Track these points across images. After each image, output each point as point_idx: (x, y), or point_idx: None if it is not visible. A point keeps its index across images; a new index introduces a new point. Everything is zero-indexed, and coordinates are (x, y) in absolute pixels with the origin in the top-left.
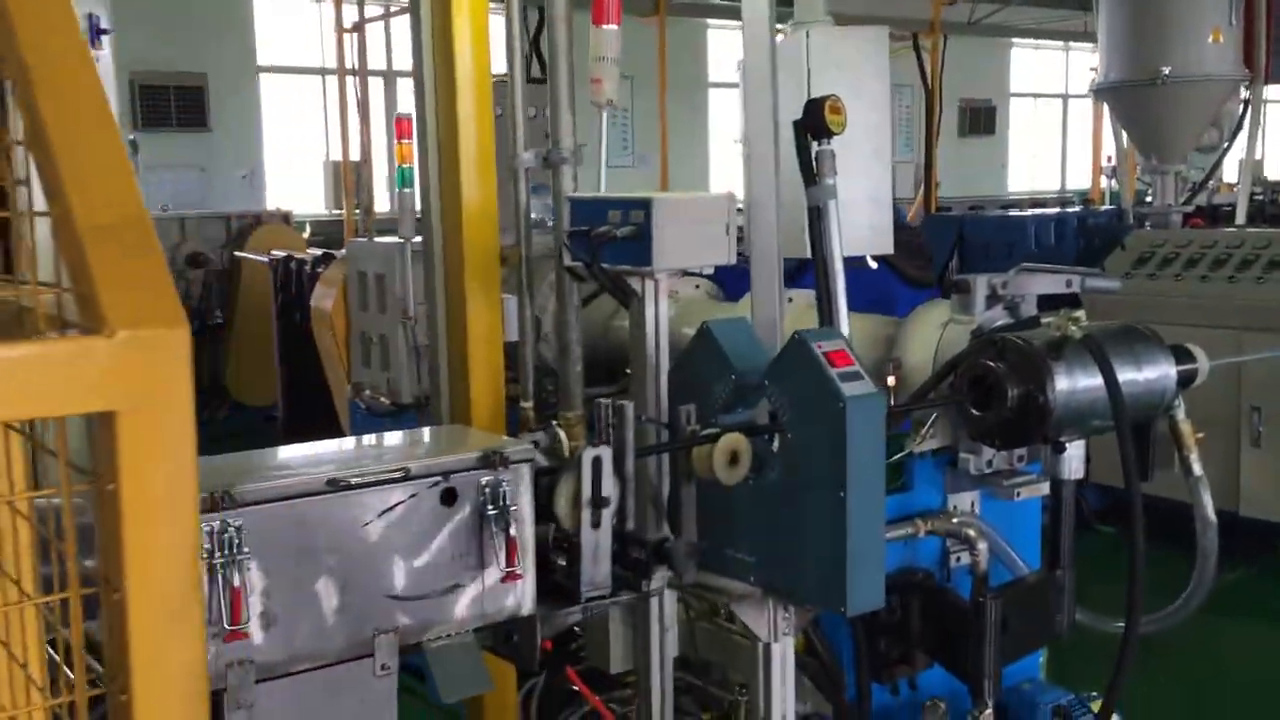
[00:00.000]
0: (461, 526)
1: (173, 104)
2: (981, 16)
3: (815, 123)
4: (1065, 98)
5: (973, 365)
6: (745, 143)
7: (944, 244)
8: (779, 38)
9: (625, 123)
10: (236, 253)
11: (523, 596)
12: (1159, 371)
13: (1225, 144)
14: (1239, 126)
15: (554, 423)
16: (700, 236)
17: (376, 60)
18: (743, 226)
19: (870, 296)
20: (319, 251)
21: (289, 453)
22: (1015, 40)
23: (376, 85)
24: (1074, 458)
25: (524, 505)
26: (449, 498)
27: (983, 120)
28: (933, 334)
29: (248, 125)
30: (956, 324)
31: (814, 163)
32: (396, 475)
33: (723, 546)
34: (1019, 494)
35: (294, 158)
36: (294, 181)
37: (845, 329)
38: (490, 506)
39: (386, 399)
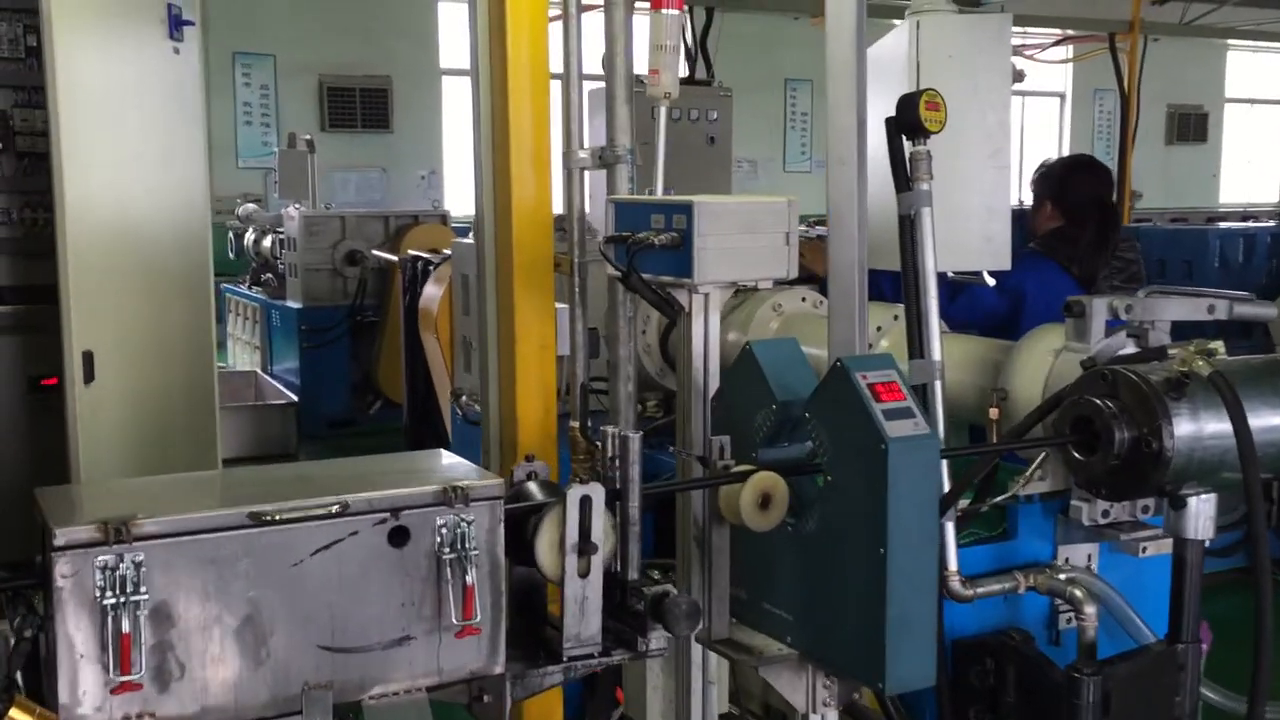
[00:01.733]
0: (413, 571)
1: (358, 106)
2: (1195, 17)
3: (909, 120)
4: None
5: (1078, 402)
6: (828, 143)
7: None
8: (899, 26)
9: (805, 127)
10: (373, 251)
11: (487, 653)
12: None
13: None
14: None
15: (599, 445)
16: (754, 246)
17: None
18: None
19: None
20: (447, 251)
21: (220, 478)
22: (1232, 42)
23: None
24: (1201, 514)
25: (489, 549)
26: (399, 537)
27: (1193, 126)
28: (1043, 362)
29: (429, 127)
30: (1070, 352)
31: (908, 166)
32: (333, 510)
33: (761, 599)
34: (1145, 549)
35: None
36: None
37: (936, 353)
38: (447, 550)
39: (480, 407)
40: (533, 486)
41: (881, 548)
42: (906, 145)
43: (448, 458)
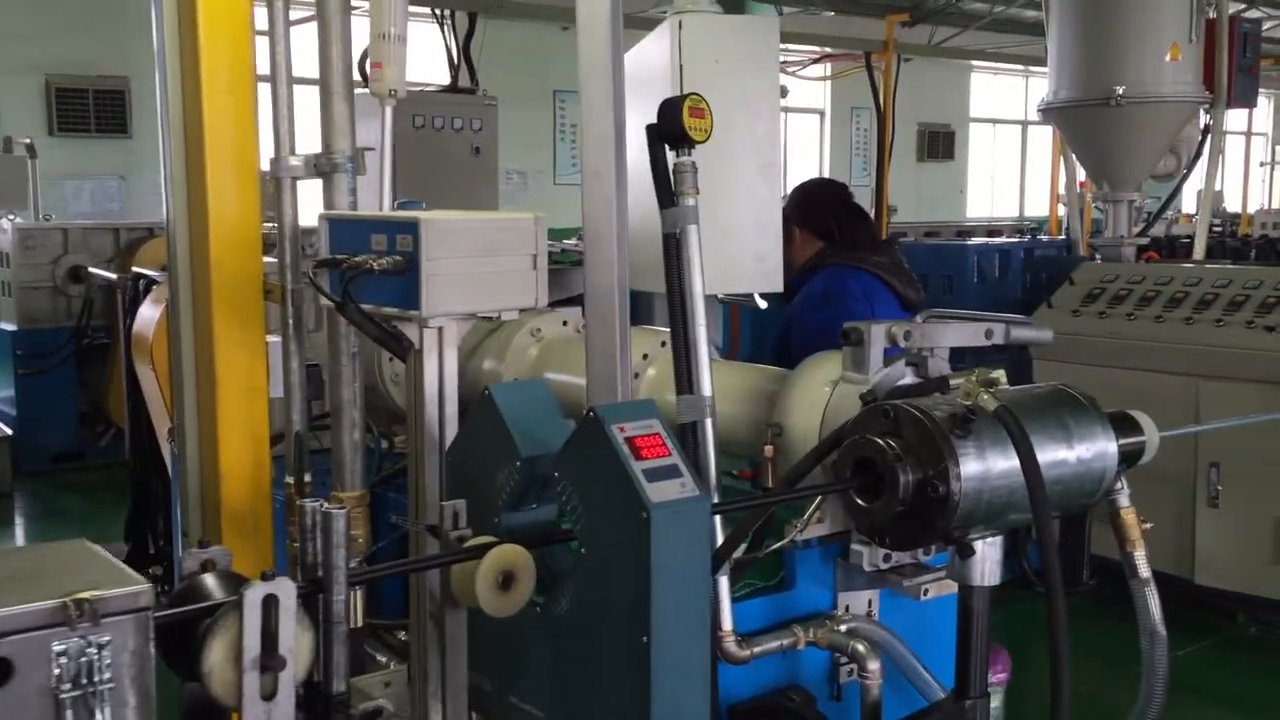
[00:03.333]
0: (20, 718)
1: (91, 108)
2: (941, 40)
3: (672, 128)
4: (1025, 124)
5: (859, 442)
6: (582, 153)
7: None
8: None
9: (575, 139)
10: (91, 269)
11: None
12: (1096, 448)
13: (1184, 172)
14: (1198, 153)
15: (322, 506)
16: (495, 271)
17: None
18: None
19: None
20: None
21: None
22: (975, 64)
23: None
24: (988, 559)
25: (136, 677)
26: None
27: (941, 144)
28: (819, 394)
29: None
30: (848, 383)
31: (671, 179)
32: None
33: (508, 691)
34: (926, 592)
35: None
36: None
37: (707, 387)
38: (68, 685)
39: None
40: (209, 582)
41: (645, 635)
42: (670, 156)
43: (88, 553)
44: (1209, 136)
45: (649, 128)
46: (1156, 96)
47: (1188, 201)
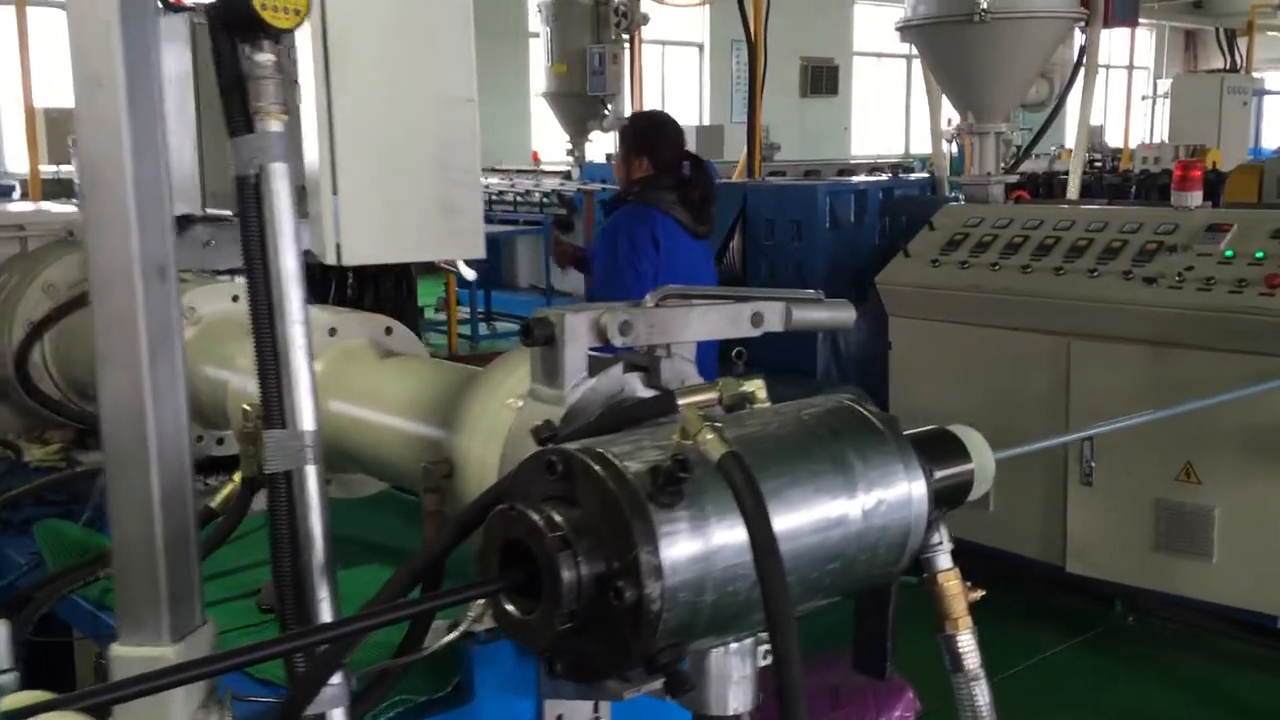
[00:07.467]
0: None
1: None
2: None
3: (240, 10)
4: (909, 58)
5: (506, 516)
6: (71, 50)
7: (724, 218)
8: None
9: None
10: None
11: None
12: (893, 494)
13: (1057, 99)
14: (1072, 78)
15: None
16: None
17: None
18: None
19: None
20: None
21: None
22: None
23: None
24: (732, 674)
25: None
26: None
27: (825, 79)
28: (500, 416)
29: None
30: (538, 402)
31: (244, 90)
32: None
33: None
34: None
35: None
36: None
37: (308, 417)
38: None
39: None
40: None
41: None
42: (245, 55)
43: None
44: (1084, 59)
45: (208, 9)
46: (1025, 11)
47: (1071, 136)
